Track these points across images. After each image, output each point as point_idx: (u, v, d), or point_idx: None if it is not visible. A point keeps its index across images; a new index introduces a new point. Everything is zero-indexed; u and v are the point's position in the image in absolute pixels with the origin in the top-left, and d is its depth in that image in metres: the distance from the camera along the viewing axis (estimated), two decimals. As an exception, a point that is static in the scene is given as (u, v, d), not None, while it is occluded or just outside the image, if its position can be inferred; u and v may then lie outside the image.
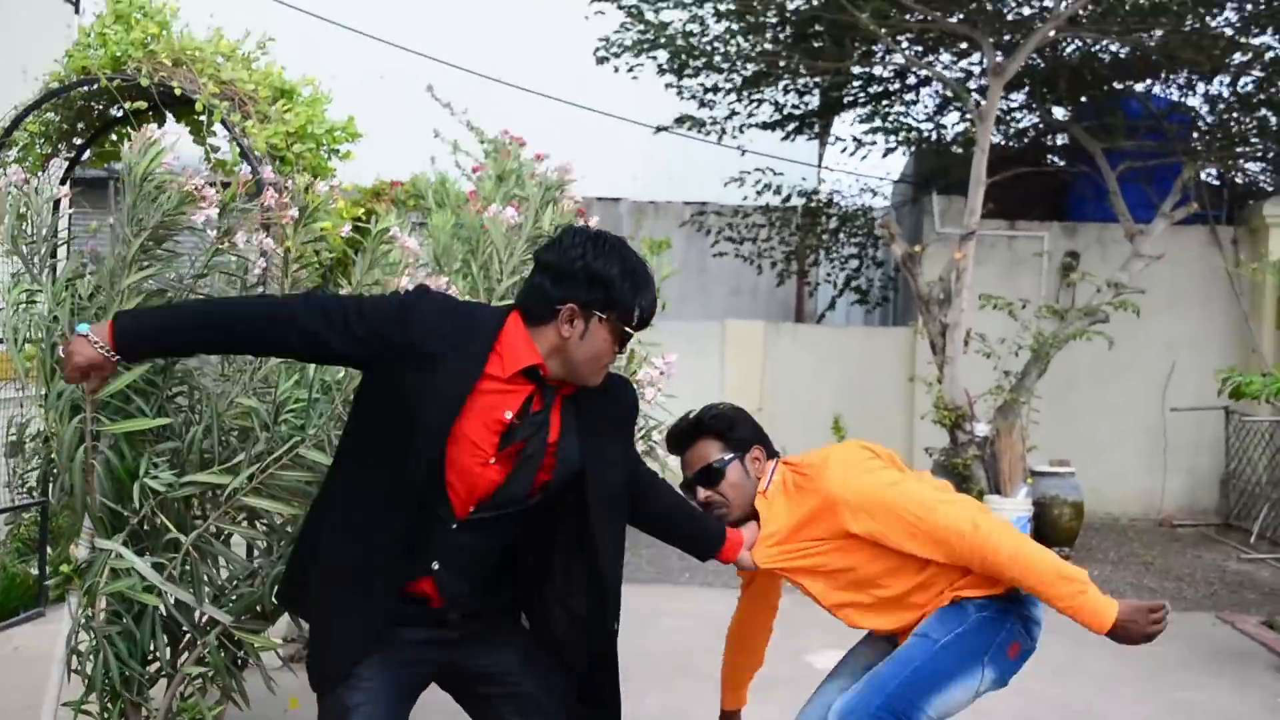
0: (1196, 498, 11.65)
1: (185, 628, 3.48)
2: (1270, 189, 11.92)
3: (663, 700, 5.61)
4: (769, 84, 12.12)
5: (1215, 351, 11.65)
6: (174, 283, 3.58)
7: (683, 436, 3.39)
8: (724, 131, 12.78)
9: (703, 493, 3.32)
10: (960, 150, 12.64)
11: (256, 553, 3.89)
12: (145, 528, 3.37)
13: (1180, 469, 11.56)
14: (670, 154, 15.58)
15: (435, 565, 2.74)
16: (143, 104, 4.84)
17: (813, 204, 14.05)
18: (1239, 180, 12.14)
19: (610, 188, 15.56)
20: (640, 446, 4.26)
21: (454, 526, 2.72)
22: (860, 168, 19.12)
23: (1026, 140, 13.05)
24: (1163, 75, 11.44)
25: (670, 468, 4.48)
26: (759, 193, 13.45)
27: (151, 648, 3.47)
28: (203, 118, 4.97)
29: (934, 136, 13.18)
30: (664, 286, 4.16)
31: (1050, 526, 9.14)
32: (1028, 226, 11.98)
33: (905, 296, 12.91)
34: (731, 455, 3.30)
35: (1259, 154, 11.82)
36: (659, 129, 12.80)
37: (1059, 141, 13.03)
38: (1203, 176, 11.44)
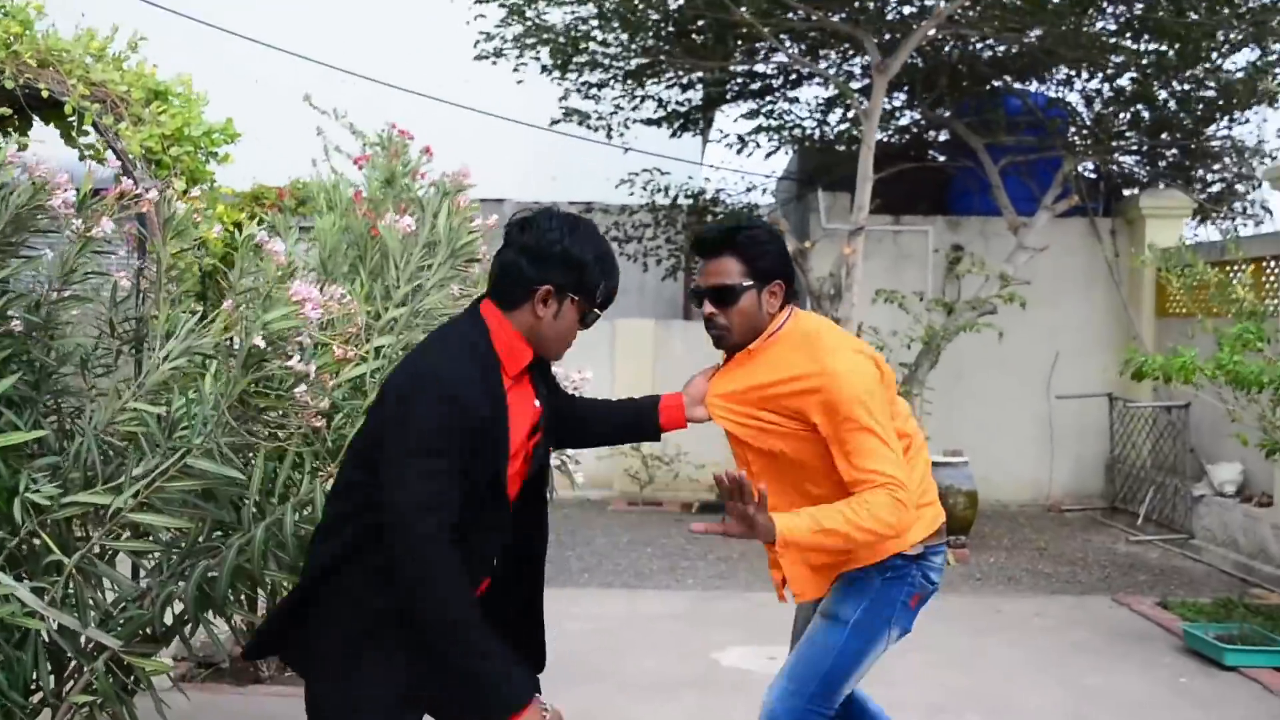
0: (1083, 483, 11.87)
1: (70, 654, 3.29)
2: (1145, 181, 12.20)
3: (568, 705, 5.49)
4: (652, 79, 12.06)
5: (1097, 340, 11.90)
6: (37, 282, 3.39)
7: (711, 245, 3.27)
8: (610, 128, 12.71)
9: (709, 307, 3.24)
10: (843, 148, 12.73)
11: (144, 572, 3.70)
12: (24, 550, 3.18)
13: (1067, 455, 11.77)
14: (555, 156, 15.47)
15: (495, 562, 2.83)
16: (6, 110, 4.62)
17: (699, 204, 14.05)
18: (1115, 173, 12.39)
19: (495, 189, 15.38)
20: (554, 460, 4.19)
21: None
22: (745, 165, 19.21)
23: (909, 137, 13.20)
24: (1041, 73, 11.63)
25: (578, 484, 4.41)
26: (651, 194, 13.40)
27: (34, 676, 3.28)
28: (73, 120, 4.76)
29: (817, 134, 13.25)
30: None
31: (946, 516, 9.18)
32: (912, 221, 12.10)
33: (794, 293, 12.92)
34: (751, 283, 3.19)
35: (1134, 148, 12.09)
36: (553, 122, 12.67)
37: (941, 137, 13.19)
38: (1081, 170, 11.66)
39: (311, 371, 3.29)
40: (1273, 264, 9.20)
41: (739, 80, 12.71)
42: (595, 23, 11.12)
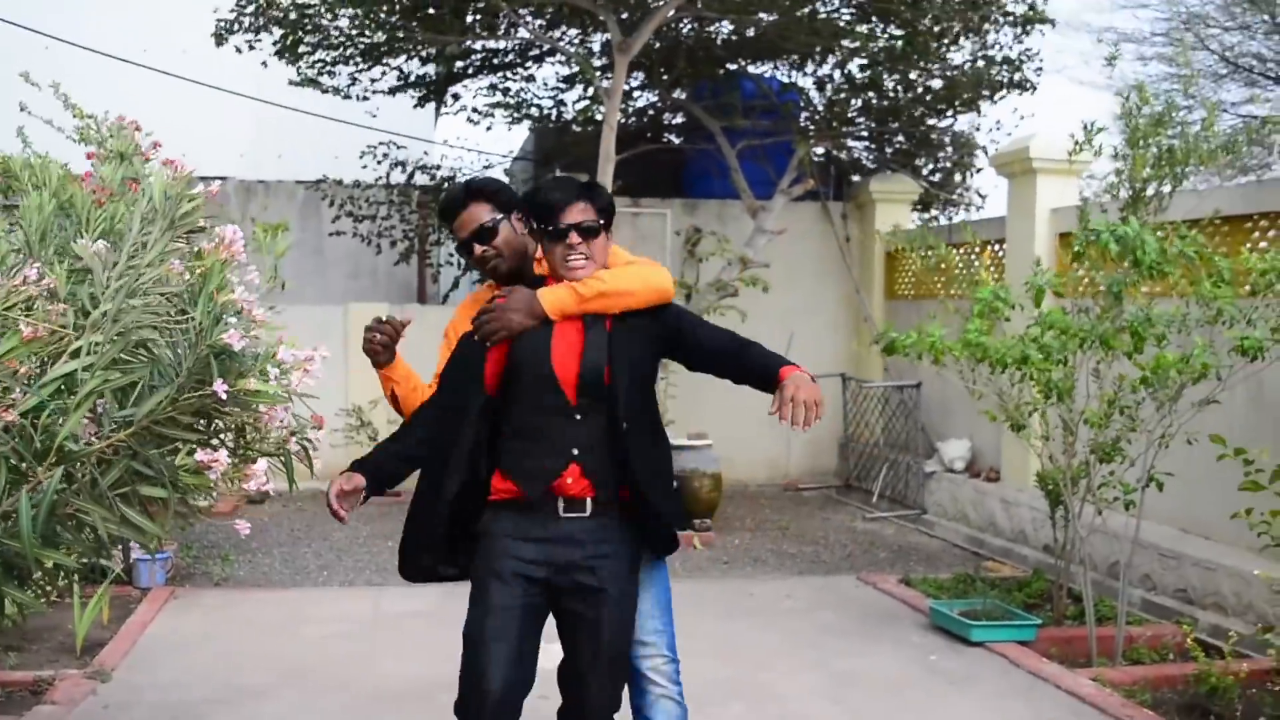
0: (818, 461, 12.12)
1: None
2: (873, 167, 12.52)
3: (321, 715, 5.13)
4: (390, 54, 11.60)
5: (830, 321, 12.16)
6: None
7: (454, 203, 3.71)
8: (349, 97, 12.19)
9: (479, 249, 3.64)
10: (581, 128, 12.59)
11: None
12: None
13: (802, 435, 11.93)
14: (281, 132, 14.76)
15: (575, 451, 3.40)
16: None
17: (435, 180, 13.67)
18: (844, 159, 12.67)
19: (215, 166, 14.55)
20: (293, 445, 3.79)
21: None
22: (481, 144, 18.87)
23: (646, 119, 13.15)
24: (776, 57, 11.75)
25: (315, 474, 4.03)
26: (389, 168, 12.93)
27: None
28: None
29: (555, 114, 13.06)
30: (282, 268, 3.80)
31: (692, 498, 9.16)
32: (651, 203, 12.06)
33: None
34: (501, 216, 3.65)
35: (863, 134, 12.38)
36: (296, 83, 11.98)
37: (677, 120, 13.19)
38: (813, 155, 11.85)
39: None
40: (998, 246, 9.54)
41: (479, 55, 12.37)
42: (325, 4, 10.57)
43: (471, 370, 3.45)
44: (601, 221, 3.52)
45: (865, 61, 11.16)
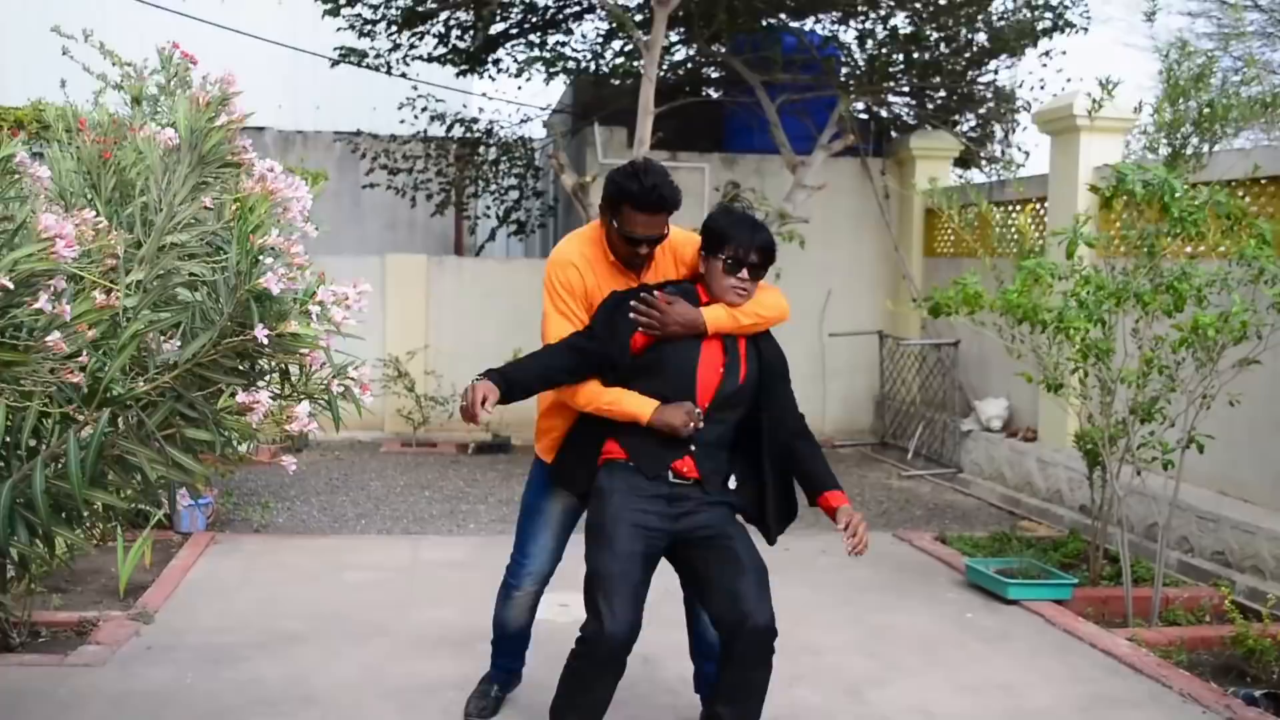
0: (854, 419, 12.11)
1: None
2: (914, 123, 12.40)
3: (356, 663, 5.19)
4: (429, 19, 11.55)
5: (867, 279, 12.10)
6: None
7: (651, 204, 3.93)
8: (390, 65, 12.16)
9: (645, 248, 4.00)
10: (619, 82, 12.51)
11: None
12: None
13: (838, 392, 11.97)
14: (319, 83, 14.75)
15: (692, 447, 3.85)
16: None
17: (472, 133, 13.64)
18: (884, 115, 12.55)
19: (255, 118, 14.56)
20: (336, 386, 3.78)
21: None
22: (519, 96, 18.77)
23: (685, 73, 13.06)
24: (817, 10, 11.62)
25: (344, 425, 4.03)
26: (429, 118, 12.91)
27: None
28: None
29: (593, 68, 12.99)
30: (318, 218, 3.78)
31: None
32: (689, 158, 11.99)
33: (566, 227, 12.71)
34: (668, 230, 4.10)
35: (905, 89, 12.25)
36: (334, 63, 12.00)
37: (716, 74, 13.10)
38: (852, 111, 11.74)
39: (67, 314, 2.86)
40: (1040, 205, 9.46)
41: (518, 11, 12.30)
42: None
43: (620, 337, 3.87)
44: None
45: (908, 14, 11.02)
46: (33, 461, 3.08)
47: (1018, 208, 9.82)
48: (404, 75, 12.32)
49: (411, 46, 12.15)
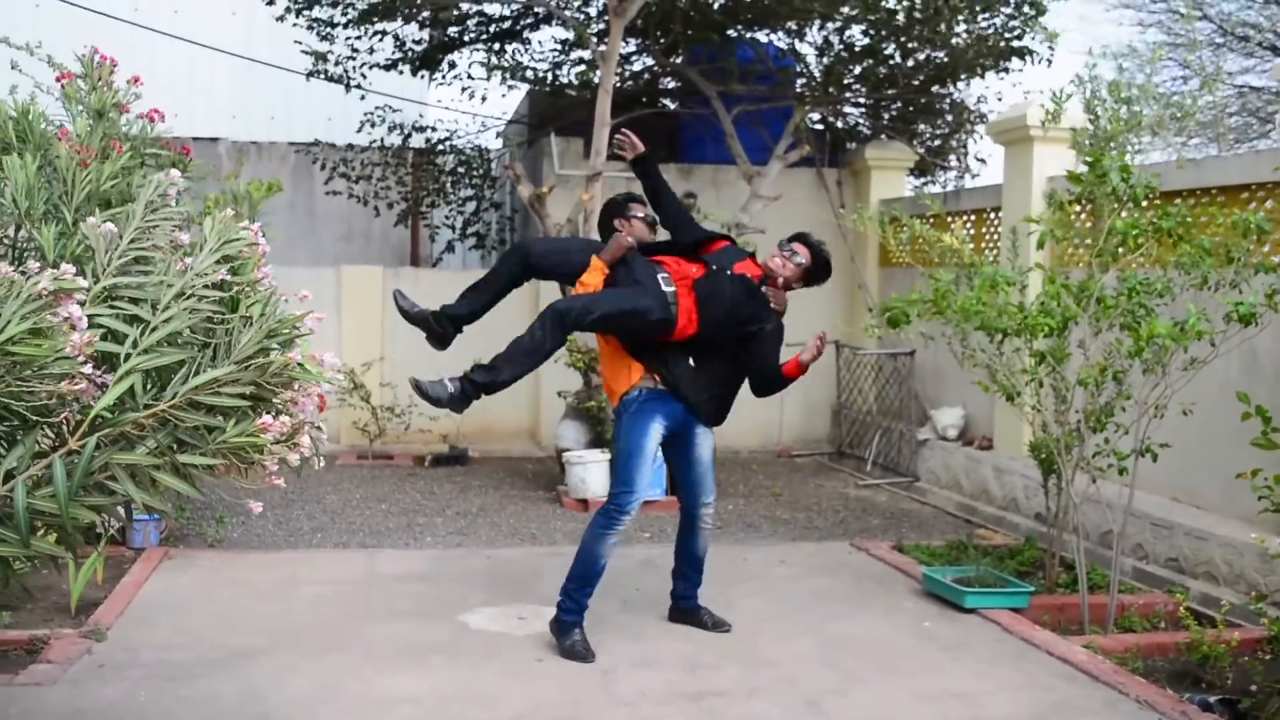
0: (811, 428, 12.13)
1: None
2: (869, 134, 12.46)
3: (313, 678, 5.13)
4: (387, 18, 11.50)
5: (823, 288, 12.04)
6: None
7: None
8: (348, 77, 12.11)
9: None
10: (576, 92, 12.50)
11: None
12: None
13: (795, 401, 11.96)
14: (275, 93, 14.67)
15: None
16: None
17: (429, 143, 13.59)
18: (840, 126, 12.61)
19: (209, 128, 14.48)
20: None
21: None
22: (475, 108, 18.74)
23: (642, 83, 13.07)
24: (773, 22, 11.66)
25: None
26: (387, 130, 12.86)
27: None
28: None
29: (550, 78, 12.97)
30: (272, 228, 3.75)
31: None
32: (646, 168, 11.96)
33: (523, 239, 12.69)
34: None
35: (860, 101, 12.31)
36: (309, 74, 11.94)
37: (672, 85, 13.11)
38: (808, 122, 11.79)
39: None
40: (992, 214, 9.53)
41: (476, 21, 12.27)
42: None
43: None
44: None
45: (865, 28, 11.07)
46: (12, 482, 3.02)
47: (972, 217, 9.88)
48: (359, 87, 12.27)
49: (371, 51, 12.10)
